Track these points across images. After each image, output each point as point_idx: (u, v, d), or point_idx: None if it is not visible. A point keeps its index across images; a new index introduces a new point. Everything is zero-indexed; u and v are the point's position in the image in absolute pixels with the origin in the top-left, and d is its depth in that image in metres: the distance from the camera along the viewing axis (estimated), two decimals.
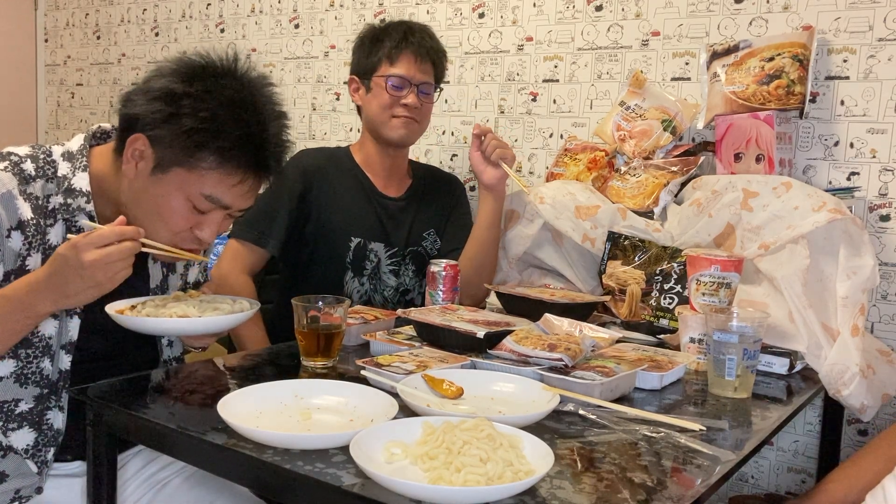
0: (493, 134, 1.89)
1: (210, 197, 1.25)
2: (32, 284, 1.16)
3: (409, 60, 1.86)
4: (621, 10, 2.14)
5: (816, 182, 1.87)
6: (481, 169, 1.89)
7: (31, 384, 1.28)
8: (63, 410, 1.31)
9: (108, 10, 3.50)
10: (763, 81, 1.78)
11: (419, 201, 2.01)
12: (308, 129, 2.85)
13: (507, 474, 0.88)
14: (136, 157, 1.25)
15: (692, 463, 1.01)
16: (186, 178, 1.23)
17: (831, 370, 1.46)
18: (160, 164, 1.23)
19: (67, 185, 1.28)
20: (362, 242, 1.92)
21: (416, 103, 1.87)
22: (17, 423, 1.28)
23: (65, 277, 1.14)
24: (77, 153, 1.32)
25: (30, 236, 1.24)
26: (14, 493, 1.29)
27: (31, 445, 1.29)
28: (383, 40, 1.88)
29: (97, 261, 1.12)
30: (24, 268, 1.24)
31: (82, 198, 1.28)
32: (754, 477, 2.01)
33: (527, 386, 1.21)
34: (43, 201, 1.27)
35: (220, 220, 1.29)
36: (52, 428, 1.30)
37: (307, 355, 1.37)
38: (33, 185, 1.26)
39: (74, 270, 1.12)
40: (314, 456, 0.96)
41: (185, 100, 1.21)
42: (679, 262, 1.68)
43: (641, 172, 1.92)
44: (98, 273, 1.13)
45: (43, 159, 1.30)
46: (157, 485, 1.42)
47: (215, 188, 1.24)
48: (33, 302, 1.16)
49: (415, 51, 1.87)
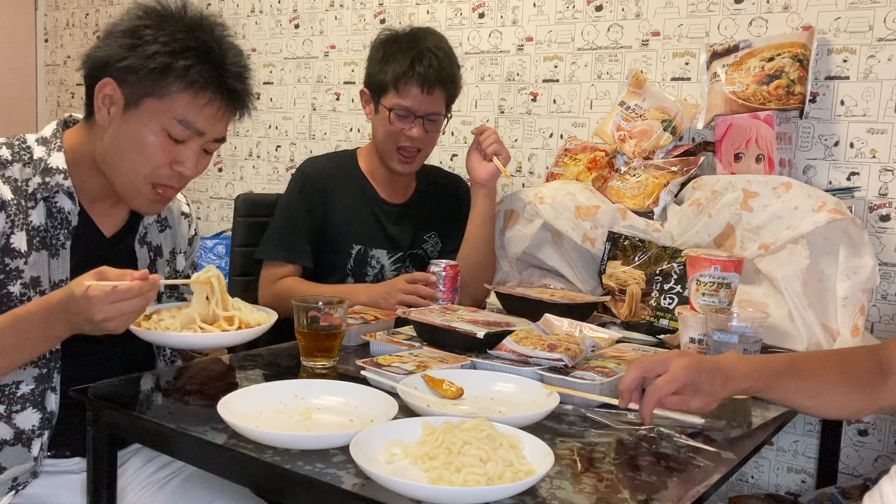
0: (492, 130, 1.90)
1: (183, 121, 1.28)
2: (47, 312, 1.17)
3: (416, 92, 1.80)
4: (621, 10, 2.14)
5: (816, 182, 1.87)
6: (475, 165, 1.91)
7: (31, 365, 1.29)
8: (56, 392, 1.32)
9: (108, 10, 3.50)
10: (763, 81, 1.78)
11: (423, 205, 2.02)
12: (308, 129, 2.85)
13: (507, 474, 0.88)
14: (107, 103, 1.29)
15: (692, 463, 1.01)
16: (157, 106, 1.27)
17: None
18: (130, 100, 1.27)
19: (44, 166, 1.31)
20: (363, 249, 1.92)
21: (419, 135, 1.84)
22: (21, 406, 1.29)
23: (76, 319, 1.15)
24: (51, 137, 1.35)
25: (12, 215, 1.27)
26: (11, 482, 1.30)
27: (36, 426, 1.30)
28: (392, 62, 1.81)
29: (111, 316, 1.13)
30: (9, 246, 1.26)
31: (59, 174, 1.31)
32: (754, 477, 2.01)
33: (527, 386, 1.21)
34: (22, 184, 1.29)
35: (197, 150, 1.32)
36: (46, 409, 1.31)
37: (307, 355, 1.37)
38: (11, 169, 1.29)
39: (86, 318, 1.13)
40: (314, 456, 0.96)
41: (145, 29, 1.27)
42: (679, 263, 1.68)
43: (641, 172, 1.92)
44: (109, 325, 1.14)
45: (18, 145, 1.33)
46: (157, 484, 1.42)
47: (187, 111, 1.28)
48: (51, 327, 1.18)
49: (421, 81, 1.79)
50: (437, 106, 1.85)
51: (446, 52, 1.86)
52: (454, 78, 1.87)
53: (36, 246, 1.29)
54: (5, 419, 1.28)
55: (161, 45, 1.25)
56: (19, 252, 1.27)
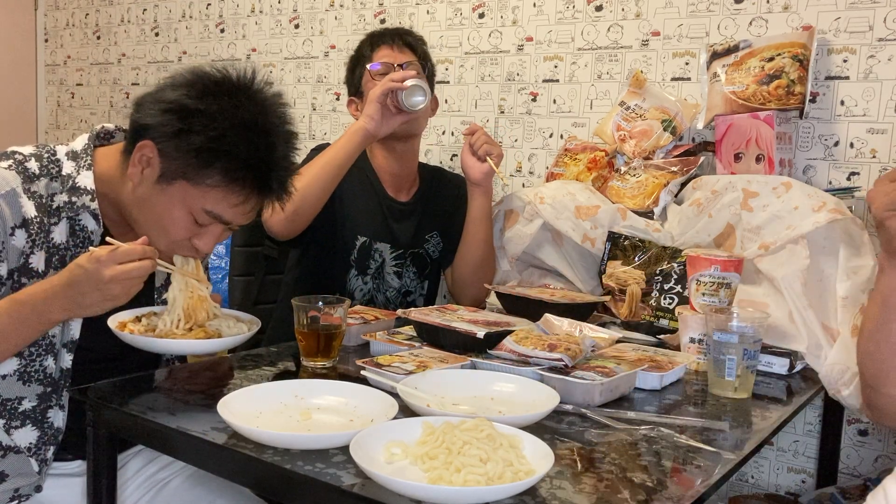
0: (482, 130, 1.91)
1: (211, 213, 1.26)
2: (48, 291, 1.17)
3: (387, 50, 1.93)
4: (621, 10, 2.14)
5: (816, 182, 1.86)
6: (469, 164, 1.91)
7: (35, 382, 1.28)
8: (63, 409, 1.31)
9: (108, 10, 3.50)
10: (763, 81, 1.78)
11: (425, 204, 2.02)
12: (308, 129, 2.85)
13: (507, 474, 0.88)
14: (144, 163, 1.25)
15: (692, 463, 1.01)
16: (190, 191, 1.24)
17: (831, 370, 1.46)
18: (165, 175, 1.24)
19: (72, 184, 1.29)
20: (367, 242, 1.92)
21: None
22: (21, 422, 1.28)
23: (82, 289, 1.15)
24: (81, 152, 1.33)
25: (33, 234, 1.25)
26: (13, 492, 1.29)
27: (33, 444, 1.29)
28: (361, 52, 1.96)
29: (117, 276, 1.14)
30: (27, 265, 1.25)
31: (86, 196, 1.29)
32: (754, 477, 2.01)
33: (527, 386, 1.21)
34: (47, 199, 1.27)
35: (219, 233, 1.31)
36: (52, 426, 1.30)
37: (307, 355, 1.37)
38: (37, 184, 1.27)
39: (94, 283, 1.14)
40: (314, 456, 0.96)
41: (196, 116, 1.21)
42: (679, 263, 1.68)
43: (641, 172, 1.92)
44: (116, 287, 1.15)
45: (47, 158, 1.30)
46: (157, 485, 1.42)
47: (217, 205, 1.25)
48: (47, 309, 1.18)
49: (389, 42, 1.93)
50: (410, 58, 1.95)
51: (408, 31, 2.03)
52: (419, 40, 2.00)
53: (55, 265, 1.28)
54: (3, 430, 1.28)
55: (208, 141, 1.20)
56: (37, 272, 1.26)
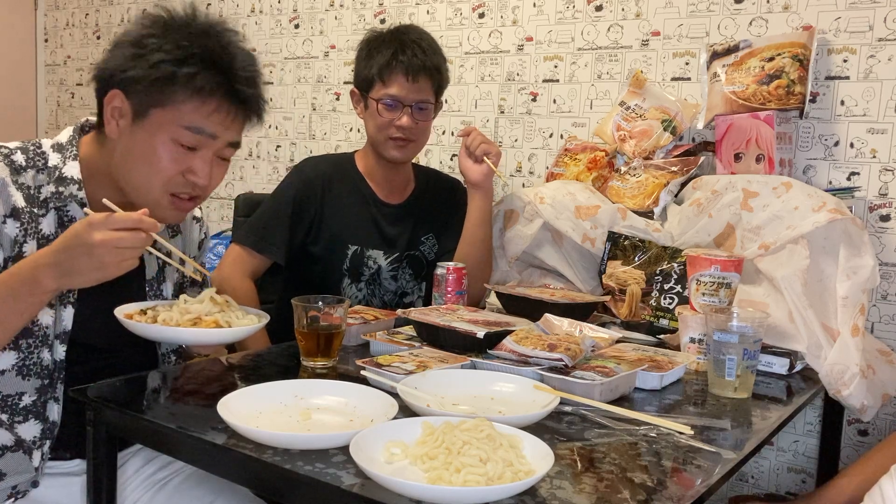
0: (477, 131, 1.90)
1: (191, 127, 1.26)
2: (38, 258, 1.16)
3: (401, 80, 1.81)
4: (621, 10, 2.14)
5: (816, 182, 1.87)
6: (467, 166, 1.90)
7: (33, 376, 1.28)
8: (58, 402, 1.31)
9: (108, 10, 3.50)
10: (763, 81, 1.78)
11: (420, 207, 2.01)
12: (308, 128, 2.85)
13: (506, 474, 0.88)
14: (116, 115, 1.27)
15: (692, 463, 1.01)
16: (165, 116, 1.26)
17: (831, 370, 1.46)
18: (138, 112, 1.26)
19: (59, 174, 1.30)
20: (359, 250, 1.92)
21: (410, 124, 1.84)
22: (23, 416, 1.29)
23: (73, 253, 1.13)
24: (67, 144, 1.34)
25: (24, 223, 1.25)
26: (11, 490, 1.29)
27: (37, 437, 1.30)
28: (376, 56, 1.84)
29: (107, 241, 1.11)
30: (21, 255, 1.25)
31: (73, 185, 1.30)
32: (754, 477, 2.01)
33: (527, 386, 1.20)
34: (34, 191, 1.28)
35: (210, 158, 1.30)
36: (48, 420, 1.31)
37: (307, 355, 1.37)
38: (24, 175, 1.28)
39: (84, 248, 1.12)
40: (314, 456, 0.96)
41: (149, 38, 1.26)
42: (679, 262, 1.68)
43: (641, 172, 1.92)
44: (106, 255, 1.12)
45: (33, 151, 1.32)
46: (157, 484, 1.42)
47: (193, 117, 1.26)
48: (38, 276, 1.16)
49: (405, 70, 1.80)
50: (424, 94, 1.85)
51: (430, 44, 1.87)
52: (439, 67, 1.88)
53: None
54: (7, 426, 1.28)
55: (165, 54, 1.24)
56: None
